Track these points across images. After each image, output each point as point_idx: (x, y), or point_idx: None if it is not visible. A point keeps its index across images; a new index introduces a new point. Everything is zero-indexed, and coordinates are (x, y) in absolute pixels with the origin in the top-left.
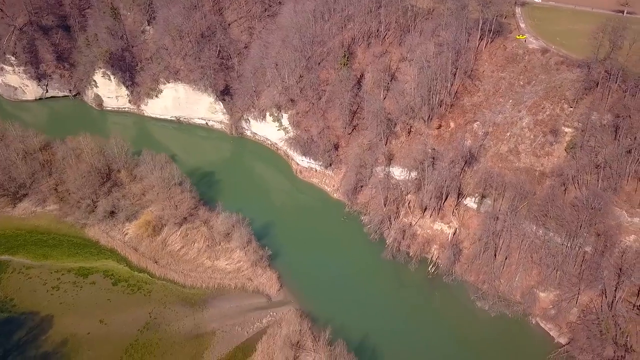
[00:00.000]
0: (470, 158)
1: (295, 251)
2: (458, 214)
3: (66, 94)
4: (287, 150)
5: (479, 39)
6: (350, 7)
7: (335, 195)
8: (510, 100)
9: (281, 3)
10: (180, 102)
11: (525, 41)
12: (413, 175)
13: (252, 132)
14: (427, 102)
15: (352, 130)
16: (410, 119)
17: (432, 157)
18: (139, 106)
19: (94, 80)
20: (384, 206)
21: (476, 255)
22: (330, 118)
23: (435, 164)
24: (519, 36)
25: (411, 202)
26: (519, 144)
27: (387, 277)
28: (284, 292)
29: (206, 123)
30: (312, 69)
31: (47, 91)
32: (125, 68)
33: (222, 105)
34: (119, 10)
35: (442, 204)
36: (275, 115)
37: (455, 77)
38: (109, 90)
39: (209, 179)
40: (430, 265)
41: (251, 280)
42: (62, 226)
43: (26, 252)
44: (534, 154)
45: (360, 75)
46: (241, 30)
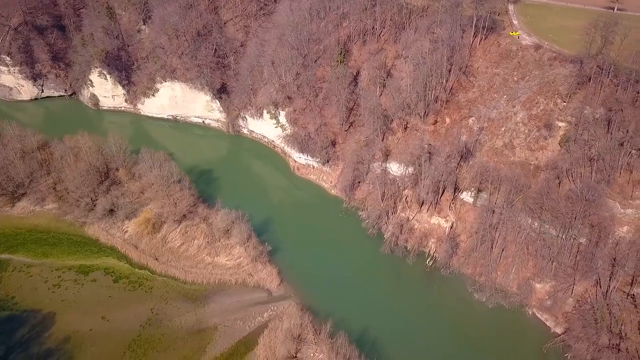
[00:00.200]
0: (466, 153)
1: (295, 247)
2: (455, 208)
3: (62, 93)
4: (285, 148)
5: (473, 36)
6: (345, 5)
7: (333, 192)
8: (505, 96)
9: (276, 1)
10: (177, 100)
11: (518, 38)
12: (410, 170)
13: (249, 130)
14: (423, 98)
15: (349, 127)
16: (406, 115)
17: (429, 153)
18: (135, 105)
19: (90, 80)
20: (381, 201)
21: (473, 248)
22: (327, 115)
23: (432, 159)
24: (512, 33)
25: (408, 197)
26: (513, 139)
27: (386, 271)
28: (285, 287)
29: (203, 121)
30: (308, 67)
31: (42, 91)
32: (122, 67)
33: (218, 104)
34: (114, 9)
35: (438, 199)
36: (273, 112)
37: (450, 73)
38: (105, 90)
39: (207, 177)
40: (428, 259)
41: (251, 275)
42: (61, 225)
43: (26, 250)
44: (529, 148)
45: (356, 73)
46: (237, 29)
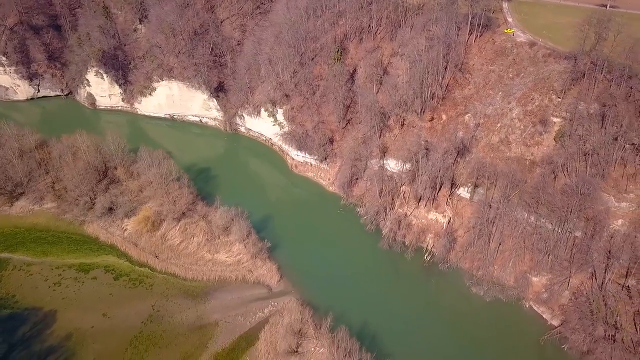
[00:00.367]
0: (462, 149)
1: (294, 243)
2: (452, 204)
3: (58, 93)
4: (282, 145)
5: (469, 33)
6: (341, 3)
7: (331, 189)
8: (500, 92)
9: (272, 0)
10: (174, 99)
11: (513, 35)
12: (407, 166)
13: (247, 128)
14: (420, 95)
15: (347, 124)
16: (403, 112)
17: (426, 149)
18: (132, 104)
19: (87, 79)
20: (379, 198)
21: (470, 243)
22: (324, 112)
23: (429, 155)
24: (507, 30)
25: (406, 193)
26: (509, 134)
27: (384, 266)
28: (284, 283)
29: (200, 120)
30: (305, 65)
31: (38, 91)
32: (118, 66)
33: (216, 102)
34: (109, 9)
35: (436, 194)
36: (270, 110)
37: (446, 70)
38: (102, 89)
39: (205, 175)
40: (426, 254)
41: (251, 272)
42: (60, 223)
43: (26, 249)
44: (524, 144)
45: (353, 70)
46: (233, 28)
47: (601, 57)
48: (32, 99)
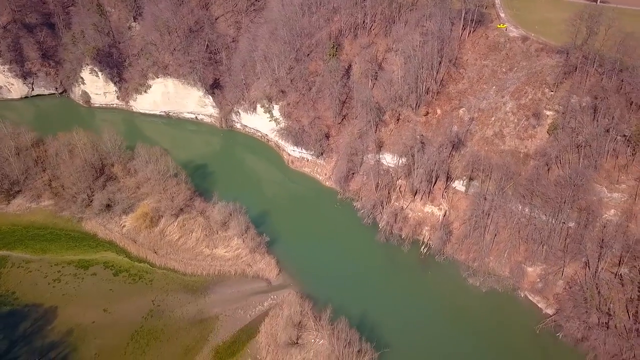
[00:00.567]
0: (457, 143)
1: (292, 238)
2: (447, 197)
3: (52, 91)
4: (279, 141)
5: (462, 29)
6: (336, 0)
7: (327, 184)
8: (494, 87)
9: None
10: (170, 96)
11: (506, 30)
12: (403, 160)
13: (242, 124)
14: (415, 90)
15: (342, 120)
16: (398, 106)
17: (421, 143)
18: (127, 102)
19: (81, 77)
20: (375, 192)
21: (466, 235)
22: (320, 108)
23: (424, 149)
24: (499, 25)
25: (402, 187)
26: (503, 128)
27: (382, 259)
28: (283, 277)
29: (196, 117)
30: (301, 61)
31: (32, 89)
32: (113, 64)
33: (211, 99)
34: (103, 6)
35: (431, 188)
36: (267, 106)
37: (440, 65)
38: (97, 87)
39: (202, 172)
40: (423, 246)
41: (250, 266)
42: (58, 221)
43: (24, 246)
44: (518, 137)
45: (348, 66)
46: (228, 25)
47: (593, 51)
48: (26, 97)
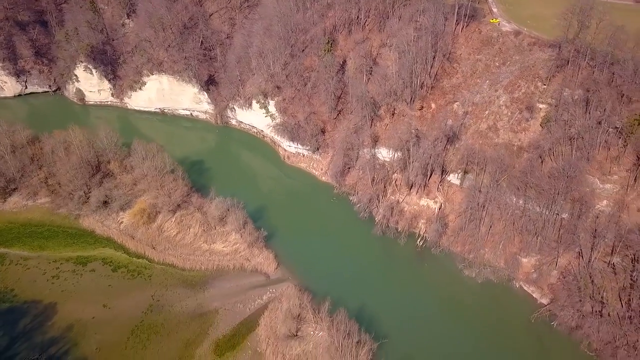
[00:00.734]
0: (452, 136)
1: (289, 232)
2: (442, 190)
3: (46, 89)
4: (274, 137)
5: (456, 24)
6: None
7: (323, 178)
8: (487, 81)
9: None
10: (165, 93)
11: (498, 24)
12: (398, 155)
13: (238, 120)
14: (409, 84)
15: (338, 115)
16: (393, 101)
17: (416, 137)
18: (122, 99)
19: (75, 75)
20: (371, 186)
21: (461, 227)
22: (315, 103)
23: (420, 143)
24: (492, 20)
25: (397, 181)
26: (497, 121)
27: (379, 252)
28: (282, 270)
29: (191, 114)
30: (296, 56)
31: (26, 87)
32: (107, 61)
33: (206, 96)
34: (96, 4)
35: (427, 181)
36: (262, 102)
37: (434, 60)
38: (91, 84)
39: (198, 168)
40: (419, 239)
41: (249, 260)
42: (55, 218)
43: (22, 244)
44: (512, 130)
45: (343, 62)
46: (222, 21)
47: (584, 44)
48: (19, 95)
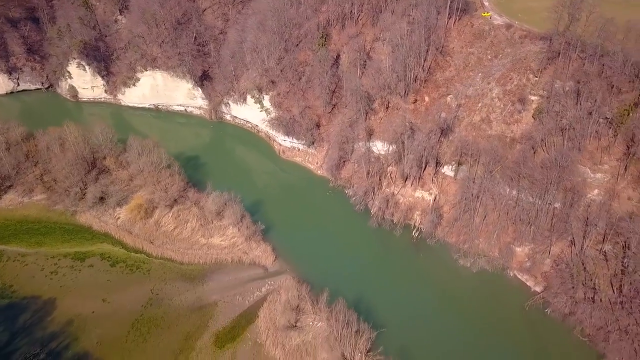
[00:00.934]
0: (446, 129)
1: (286, 226)
2: (437, 182)
3: (38, 86)
4: (269, 131)
5: (448, 17)
6: None
7: (319, 172)
8: (480, 74)
9: None
10: (159, 89)
11: (490, 18)
12: (393, 148)
13: (232, 115)
14: (403, 78)
15: (332, 109)
16: (387, 94)
17: (411, 130)
18: (115, 96)
19: (68, 72)
20: (366, 179)
21: (456, 218)
22: (310, 98)
23: (414, 136)
24: (484, 14)
25: (392, 173)
26: (490, 114)
27: (375, 244)
28: (280, 263)
29: (185, 109)
30: (290, 51)
31: (18, 84)
32: (100, 58)
33: (200, 91)
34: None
35: (421, 173)
36: (257, 97)
37: (427, 53)
38: (84, 81)
39: (194, 163)
40: (414, 230)
41: (247, 253)
42: (52, 214)
43: (19, 240)
44: (505, 122)
45: (337, 56)
46: (215, 17)
47: (575, 36)
48: (11, 93)
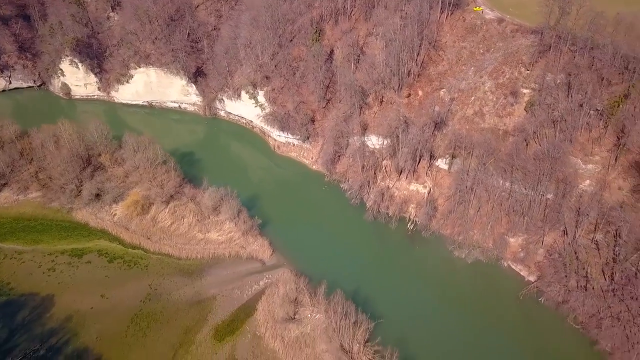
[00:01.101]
0: (439, 122)
1: (283, 220)
2: (431, 175)
3: (30, 84)
4: (264, 127)
5: (440, 12)
6: None
7: (314, 167)
8: (472, 67)
9: None
10: (152, 86)
11: (482, 12)
12: (387, 142)
13: (226, 111)
14: (397, 72)
15: (327, 104)
16: (381, 89)
17: (405, 123)
18: (108, 93)
19: (61, 69)
20: (362, 173)
21: (450, 210)
22: (304, 93)
23: (408, 130)
24: (476, 8)
25: (387, 167)
26: (483, 107)
27: (371, 237)
28: (277, 257)
29: (179, 106)
30: (284, 46)
31: (10, 82)
32: (93, 55)
33: (194, 87)
34: None
35: (416, 167)
36: (252, 92)
37: (420, 48)
38: (77, 79)
39: (189, 160)
40: (409, 223)
41: (244, 247)
42: (48, 212)
43: (15, 238)
44: (497, 115)
45: (330, 51)
46: (209, 13)
47: (565, 30)
48: (3, 91)
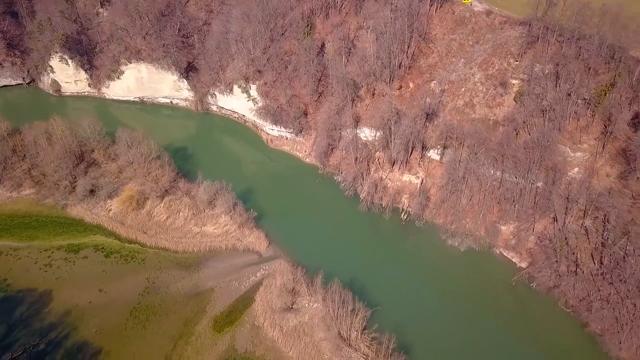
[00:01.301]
0: (430, 114)
1: (278, 213)
2: (423, 165)
3: (20, 82)
4: (256, 121)
5: (430, 5)
6: None
7: (308, 160)
8: (462, 59)
9: None
10: (144, 82)
11: (470, 5)
12: (380, 133)
13: (219, 106)
14: (388, 65)
15: (319, 97)
16: (373, 81)
17: (397, 115)
18: (99, 89)
19: (50, 66)
20: (355, 165)
21: (443, 200)
22: (297, 86)
23: (400, 122)
24: (464, 1)
25: (380, 159)
26: (473, 98)
27: (365, 227)
28: (273, 249)
29: (171, 102)
30: (275, 40)
31: None
32: (83, 51)
33: (186, 83)
34: None
35: (408, 158)
36: (244, 86)
37: (411, 40)
38: (67, 75)
39: (182, 155)
40: (403, 213)
41: (240, 240)
42: (42, 208)
43: (10, 235)
44: (487, 105)
45: (322, 45)
46: (199, 8)
47: (553, 21)
48: None
